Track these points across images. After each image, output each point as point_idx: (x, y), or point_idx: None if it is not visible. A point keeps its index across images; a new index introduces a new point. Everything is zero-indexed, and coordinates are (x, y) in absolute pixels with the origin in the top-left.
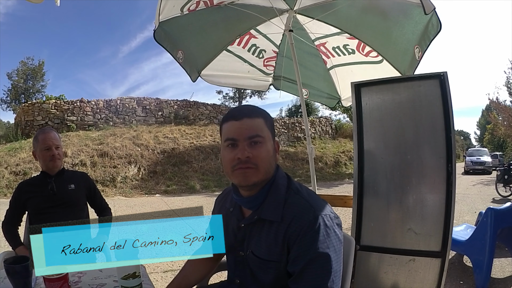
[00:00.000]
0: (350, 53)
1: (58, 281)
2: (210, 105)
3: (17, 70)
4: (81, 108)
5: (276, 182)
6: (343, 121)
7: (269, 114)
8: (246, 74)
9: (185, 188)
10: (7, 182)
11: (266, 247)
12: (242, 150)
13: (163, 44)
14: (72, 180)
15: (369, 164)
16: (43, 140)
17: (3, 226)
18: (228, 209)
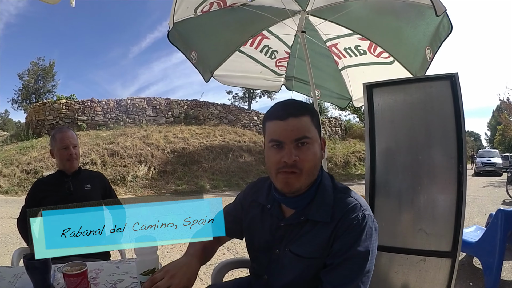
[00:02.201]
0: (362, 54)
1: (77, 277)
2: (220, 105)
3: (28, 71)
4: (92, 108)
5: (323, 183)
6: (353, 122)
7: (315, 109)
8: (258, 75)
9: (195, 188)
10: (18, 181)
11: (309, 246)
12: (289, 154)
13: (176, 45)
14: (89, 179)
15: (381, 165)
16: (61, 139)
17: (18, 222)
18: (263, 206)
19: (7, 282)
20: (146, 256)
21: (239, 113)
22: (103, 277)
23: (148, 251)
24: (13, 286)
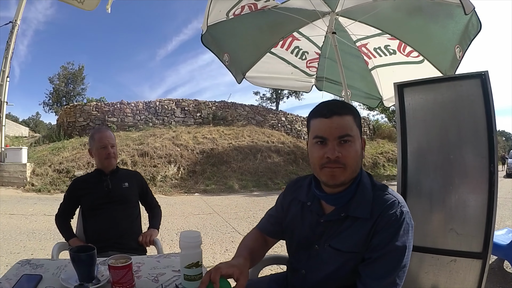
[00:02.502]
0: (392, 53)
1: (122, 269)
2: (248, 106)
3: (58, 75)
4: (121, 110)
5: (362, 181)
6: (381, 122)
7: (357, 110)
8: (289, 76)
9: (223, 188)
10: (50, 179)
11: (349, 240)
12: (332, 150)
13: (210, 48)
14: (126, 178)
15: (412, 164)
16: (100, 139)
17: (56, 219)
18: (303, 203)
19: (51, 274)
20: (190, 250)
21: (267, 114)
22: (145, 271)
23: (192, 245)
24: (57, 277)
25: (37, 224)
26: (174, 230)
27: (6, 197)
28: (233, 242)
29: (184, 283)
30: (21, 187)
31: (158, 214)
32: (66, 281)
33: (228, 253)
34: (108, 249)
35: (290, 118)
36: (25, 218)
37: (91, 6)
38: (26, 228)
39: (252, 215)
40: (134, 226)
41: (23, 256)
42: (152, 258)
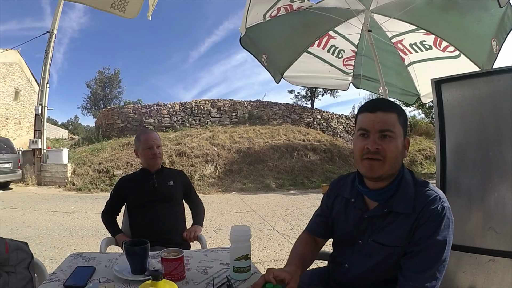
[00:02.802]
0: (427, 49)
1: (175, 261)
2: (283, 105)
3: (95, 79)
4: (158, 111)
5: (405, 177)
6: (418, 118)
7: (403, 111)
8: (326, 74)
9: (260, 186)
10: (91, 179)
11: (392, 235)
12: (373, 142)
13: (249, 49)
14: (171, 177)
15: (451, 161)
16: (145, 140)
17: (103, 215)
18: (347, 199)
19: (103, 266)
20: (240, 243)
21: (302, 112)
22: (194, 264)
23: (243, 239)
24: (110, 269)
25: (79, 221)
26: (213, 227)
27: (49, 195)
28: (271, 240)
29: (233, 275)
30: (63, 186)
31: (201, 211)
32: (120, 273)
33: (266, 251)
34: (154, 244)
35: (326, 116)
36: (67, 215)
37: (133, 14)
38: (69, 224)
39: (289, 213)
40: (178, 223)
41: (66, 251)
42: (199, 252)
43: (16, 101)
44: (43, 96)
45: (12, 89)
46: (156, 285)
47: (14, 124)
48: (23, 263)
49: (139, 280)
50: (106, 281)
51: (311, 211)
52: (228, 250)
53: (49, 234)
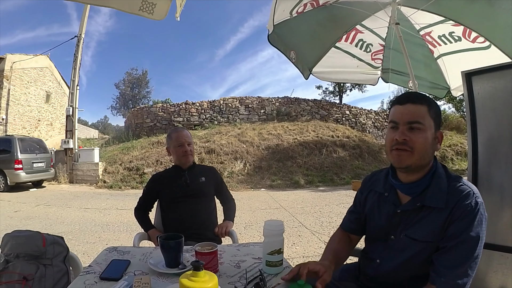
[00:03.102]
0: (457, 40)
1: (209, 255)
2: (311, 101)
3: (124, 80)
4: (187, 110)
5: (438, 171)
6: (448, 112)
7: (436, 103)
8: (355, 69)
9: (289, 183)
10: (121, 177)
11: (424, 230)
12: (401, 133)
13: (277, 46)
14: (203, 173)
15: (483, 156)
16: (177, 138)
17: (135, 211)
18: (380, 194)
19: (138, 260)
20: (273, 237)
21: (331, 108)
22: (226, 258)
23: (276, 233)
24: (144, 262)
25: (110, 217)
26: (242, 224)
27: (81, 193)
28: (300, 236)
29: (265, 269)
30: (94, 184)
31: (232, 207)
32: (155, 266)
33: (295, 247)
34: (186, 239)
35: (354, 111)
36: (99, 212)
37: (161, 15)
38: (100, 220)
39: (319, 210)
40: (210, 218)
41: (98, 246)
42: (232, 247)
43: (48, 104)
44: (74, 98)
45: (44, 92)
46: (197, 275)
47: (46, 125)
48: (59, 256)
49: (173, 273)
50: (141, 273)
51: (340, 208)
52: (260, 245)
53: (82, 229)
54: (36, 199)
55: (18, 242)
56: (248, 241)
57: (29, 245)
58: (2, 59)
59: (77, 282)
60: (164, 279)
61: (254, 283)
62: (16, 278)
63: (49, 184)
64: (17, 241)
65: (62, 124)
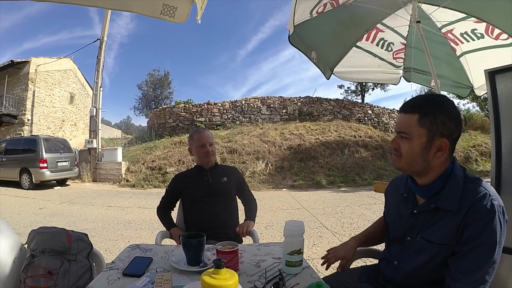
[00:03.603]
0: (479, 37)
1: (230, 254)
2: (333, 100)
3: (146, 81)
4: (209, 110)
5: (454, 173)
6: (473, 111)
7: (434, 110)
8: (376, 69)
9: (311, 183)
10: (144, 176)
11: (440, 232)
12: (393, 140)
13: (298, 47)
14: (225, 173)
15: (507, 158)
16: (199, 139)
17: (158, 210)
18: (401, 194)
19: (160, 257)
20: (294, 237)
21: (353, 107)
22: (246, 257)
23: (296, 233)
24: (166, 260)
25: (133, 215)
26: (263, 224)
27: (104, 191)
28: (320, 237)
29: (285, 269)
30: (117, 183)
31: (254, 207)
32: (177, 263)
33: (316, 248)
34: (207, 238)
35: (377, 110)
36: (121, 210)
37: (182, 18)
38: (123, 218)
39: (340, 211)
40: (232, 218)
41: (120, 243)
42: (252, 246)
43: (72, 105)
44: (97, 99)
45: (68, 94)
46: (218, 272)
47: (70, 125)
48: (83, 252)
49: (194, 271)
50: (163, 271)
51: (362, 209)
52: (280, 245)
53: (104, 227)
54: (60, 197)
55: (44, 238)
56: (269, 241)
57: (55, 241)
58: (27, 62)
59: (100, 277)
60: (185, 277)
61: (273, 282)
62: (41, 272)
63: (73, 183)
64: (43, 237)
65: (86, 125)
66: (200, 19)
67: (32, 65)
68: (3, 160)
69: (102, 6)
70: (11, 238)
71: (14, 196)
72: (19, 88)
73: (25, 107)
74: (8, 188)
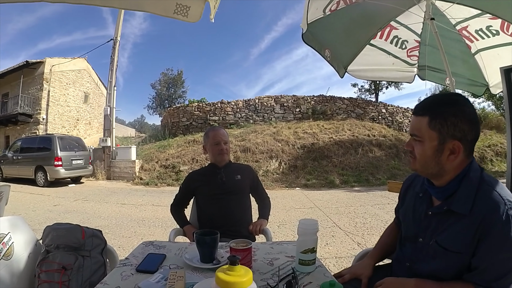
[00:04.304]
0: (495, 34)
1: (243, 251)
2: (347, 99)
3: (160, 80)
4: (222, 109)
5: (468, 175)
6: (488, 110)
7: (444, 112)
8: (391, 67)
9: (324, 183)
10: (157, 174)
11: (454, 238)
12: (407, 142)
13: (311, 45)
14: (239, 171)
15: None
16: (213, 136)
17: (172, 208)
18: (417, 194)
19: (173, 254)
20: (307, 236)
21: (367, 106)
22: (260, 255)
23: (310, 232)
24: (179, 257)
25: (146, 213)
26: (276, 223)
27: (118, 189)
28: (333, 236)
29: (298, 267)
30: (131, 181)
31: (267, 205)
32: (190, 260)
33: (329, 247)
34: (220, 236)
35: (391, 109)
36: (135, 208)
37: (195, 18)
38: (136, 216)
39: (353, 210)
40: (245, 216)
41: (134, 240)
42: (266, 245)
43: (86, 104)
44: (111, 98)
45: (82, 93)
46: (232, 269)
47: (84, 124)
48: (97, 248)
49: (208, 268)
50: (176, 267)
51: (375, 209)
52: (293, 244)
53: (118, 224)
54: (74, 194)
55: (59, 234)
56: (281, 239)
57: (69, 237)
58: (41, 62)
59: (114, 273)
60: (199, 274)
61: (286, 280)
62: (55, 267)
63: (87, 180)
64: (57, 233)
65: (100, 123)
66: (213, 18)
67: (46, 65)
68: (18, 158)
69: (116, 6)
70: (26, 234)
71: (29, 193)
72: (34, 88)
73: (40, 107)
74: (24, 185)
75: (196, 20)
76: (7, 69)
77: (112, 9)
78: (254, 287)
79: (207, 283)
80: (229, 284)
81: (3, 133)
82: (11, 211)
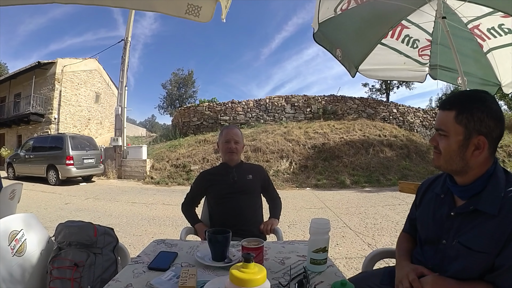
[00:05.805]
0: (507, 33)
1: (255, 250)
2: (358, 99)
3: (170, 80)
4: (233, 109)
5: (496, 174)
6: None
7: (471, 107)
8: (402, 66)
9: (335, 183)
10: (168, 173)
11: (479, 239)
12: (432, 137)
13: (322, 44)
14: (250, 171)
15: None
16: (226, 134)
17: (183, 206)
18: (438, 195)
19: (185, 252)
20: (319, 235)
21: (378, 106)
22: (271, 254)
23: (322, 231)
24: (191, 255)
25: (157, 211)
26: (286, 222)
27: (129, 188)
28: (343, 237)
29: (309, 267)
30: (141, 180)
31: (278, 205)
32: (202, 258)
33: (339, 248)
34: (232, 235)
35: (402, 109)
36: (145, 206)
37: (207, 18)
38: (147, 215)
39: (364, 211)
40: (256, 215)
41: (144, 239)
42: (277, 244)
43: (97, 104)
44: (122, 98)
45: (93, 93)
46: (247, 266)
47: (95, 124)
48: (109, 246)
49: (219, 266)
50: (188, 265)
51: (385, 209)
52: (304, 243)
53: (129, 222)
54: (85, 193)
55: (71, 231)
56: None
57: (81, 234)
58: (53, 63)
59: (126, 270)
60: (210, 272)
61: (297, 280)
62: (67, 264)
63: (98, 179)
64: (70, 230)
65: (111, 123)
66: (224, 18)
67: (58, 66)
68: (30, 157)
69: (127, 7)
70: (39, 231)
71: (41, 192)
72: (46, 88)
73: (52, 106)
74: (36, 183)
75: (208, 20)
76: (20, 70)
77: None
78: (267, 284)
79: (218, 281)
80: (243, 281)
81: (15, 133)
82: (23, 209)
